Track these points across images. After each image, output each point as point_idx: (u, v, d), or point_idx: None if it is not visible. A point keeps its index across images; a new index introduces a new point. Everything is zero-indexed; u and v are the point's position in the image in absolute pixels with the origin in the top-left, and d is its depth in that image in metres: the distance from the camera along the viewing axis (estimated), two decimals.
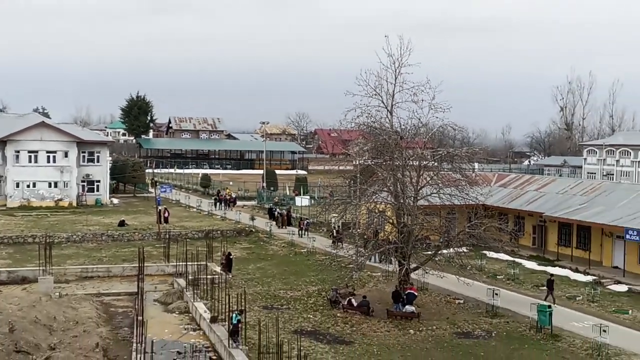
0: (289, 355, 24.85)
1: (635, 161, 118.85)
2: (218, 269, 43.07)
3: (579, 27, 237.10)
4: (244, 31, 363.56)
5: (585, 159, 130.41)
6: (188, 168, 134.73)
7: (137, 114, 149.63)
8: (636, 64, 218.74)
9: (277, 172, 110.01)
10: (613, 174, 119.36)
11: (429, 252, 37.10)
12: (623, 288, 41.49)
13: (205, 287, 36.98)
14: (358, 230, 42.90)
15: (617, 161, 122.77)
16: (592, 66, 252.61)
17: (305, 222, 61.88)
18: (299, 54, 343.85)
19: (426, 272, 36.49)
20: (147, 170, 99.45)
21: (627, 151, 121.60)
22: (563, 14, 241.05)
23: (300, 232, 59.86)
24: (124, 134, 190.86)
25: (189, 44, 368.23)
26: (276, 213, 67.35)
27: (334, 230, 54.54)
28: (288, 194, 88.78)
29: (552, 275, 39.40)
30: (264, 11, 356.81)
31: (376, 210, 38.48)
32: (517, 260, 49.51)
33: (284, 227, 63.65)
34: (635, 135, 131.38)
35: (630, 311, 36.08)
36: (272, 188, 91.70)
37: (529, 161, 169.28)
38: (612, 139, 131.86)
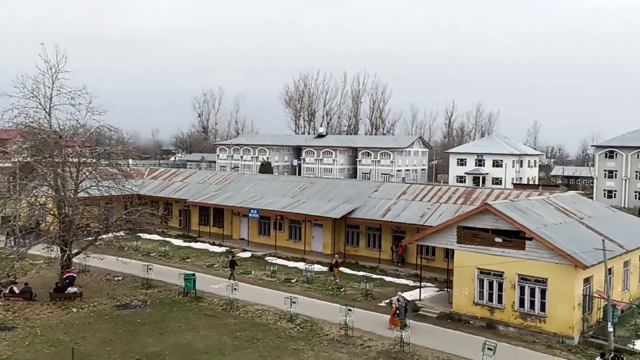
0: None
1: (254, 157, 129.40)
2: None
3: (212, 49, 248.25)
4: None
5: (218, 155, 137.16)
6: None
7: None
8: (255, 81, 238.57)
9: None
10: (239, 167, 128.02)
11: (90, 238, 34.83)
12: (248, 254, 44.79)
13: None
14: (19, 222, 37.97)
15: (241, 157, 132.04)
16: (221, 81, 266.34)
17: None
18: None
19: (88, 256, 34.19)
20: None
21: (248, 149, 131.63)
22: (197, 34, 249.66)
23: None
24: None
25: None
26: None
27: None
28: None
29: (233, 256, 40.03)
30: None
31: (37, 203, 34.73)
32: (167, 239, 49.68)
33: None
34: (253, 137, 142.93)
35: (252, 272, 39.10)
36: None
37: (175, 157, 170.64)
38: (237, 140, 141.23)
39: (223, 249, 45.86)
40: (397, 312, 27.82)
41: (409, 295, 32.78)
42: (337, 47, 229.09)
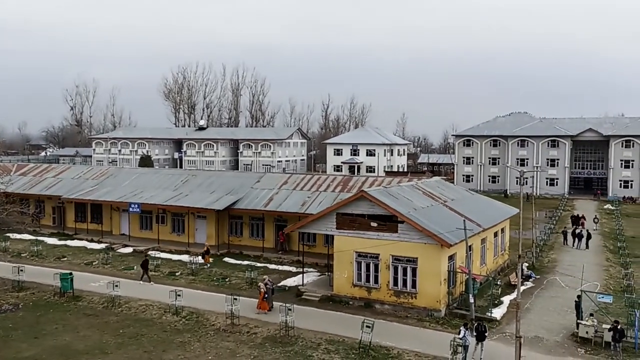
0: None
1: (133, 150, 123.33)
2: None
3: (86, 40, 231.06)
4: None
5: (94, 149, 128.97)
6: None
7: None
8: (131, 74, 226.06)
9: None
10: (117, 161, 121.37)
11: None
12: (129, 250, 42.69)
13: None
14: None
15: (120, 150, 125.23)
16: (95, 74, 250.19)
17: None
18: None
19: None
20: None
21: (127, 142, 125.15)
22: (70, 24, 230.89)
23: None
24: None
25: None
26: None
27: None
28: None
29: (146, 256, 37.48)
30: None
31: None
32: (40, 238, 45.95)
33: None
34: (131, 130, 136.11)
35: (134, 267, 37.22)
36: None
37: (46, 152, 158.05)
38: (115, 133, 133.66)
39: (102, 246, 43.31)
40: (266, 295, 28.06)
41: (292, 281, 33.14)
42: (216, 40, 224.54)
